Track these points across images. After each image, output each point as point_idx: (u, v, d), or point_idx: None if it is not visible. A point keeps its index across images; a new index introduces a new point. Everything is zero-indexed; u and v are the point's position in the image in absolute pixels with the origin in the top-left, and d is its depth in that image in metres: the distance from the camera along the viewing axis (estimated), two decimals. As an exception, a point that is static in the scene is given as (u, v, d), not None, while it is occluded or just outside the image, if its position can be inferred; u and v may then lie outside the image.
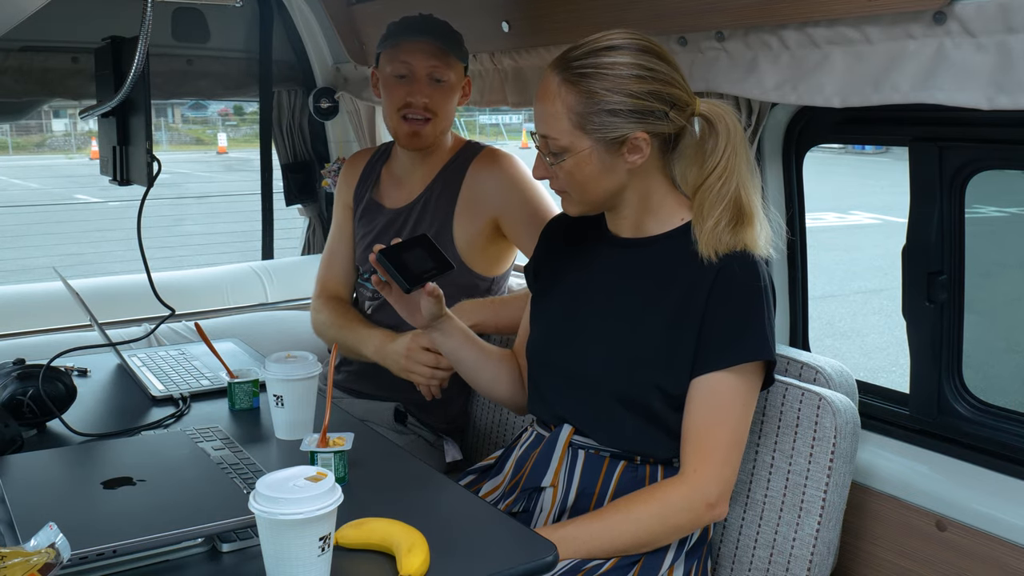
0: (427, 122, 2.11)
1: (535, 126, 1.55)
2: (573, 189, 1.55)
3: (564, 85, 1.48)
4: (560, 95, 1.48)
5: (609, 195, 1.55)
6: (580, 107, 1.47)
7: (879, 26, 1.49)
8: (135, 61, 1.50)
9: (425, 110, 2.10)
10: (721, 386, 1.49)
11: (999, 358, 5.72)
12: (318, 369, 1.69)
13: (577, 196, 1.56)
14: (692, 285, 1.52)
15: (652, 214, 1.59)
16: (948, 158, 1.64)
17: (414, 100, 2.10)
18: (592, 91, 1.46)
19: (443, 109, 2.13)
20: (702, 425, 1.50)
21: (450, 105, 2.15)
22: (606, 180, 1.52)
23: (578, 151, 1.49)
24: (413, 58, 2.10)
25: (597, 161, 1.50)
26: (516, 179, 2.15)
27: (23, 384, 1.71)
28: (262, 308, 3.07)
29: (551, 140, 1.50)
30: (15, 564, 1.03)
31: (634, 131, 1.47)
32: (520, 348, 1.81)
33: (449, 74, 2.12)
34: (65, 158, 24.71)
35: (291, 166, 3.46)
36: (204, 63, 3.14)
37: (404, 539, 1.23)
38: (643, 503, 1.50)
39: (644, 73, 1.47)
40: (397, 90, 2.11)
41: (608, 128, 1.47)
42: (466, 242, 2.16)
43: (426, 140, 2.14)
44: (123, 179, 2.01)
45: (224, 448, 1.60)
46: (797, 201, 2.00)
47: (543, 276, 1.76)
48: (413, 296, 1.66)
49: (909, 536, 1.63)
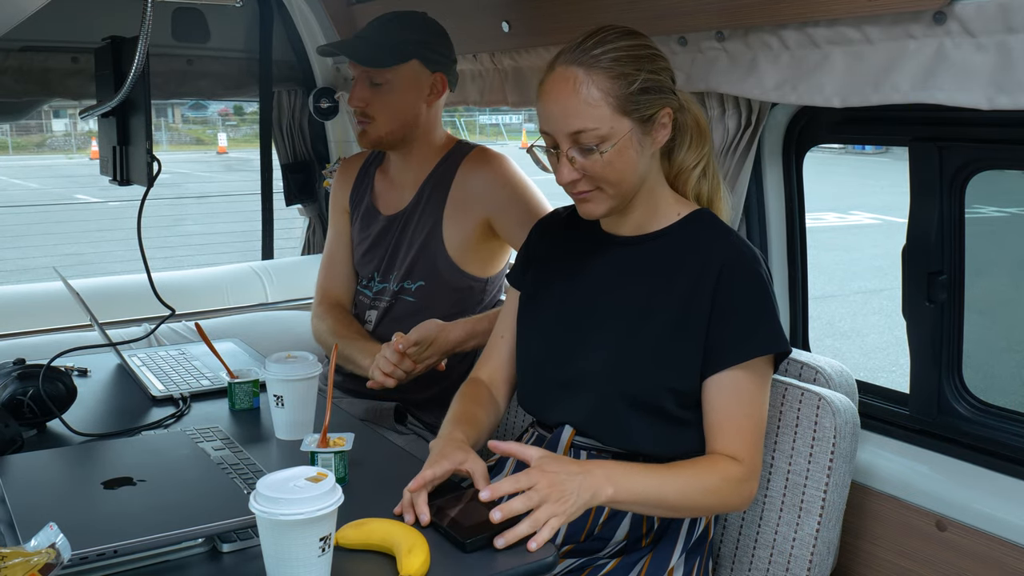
0: (368, 122, 2.13)
1: (556, 126, 1.50)
2: (611, 181, 1.51)
3: (593, 73, 1.47)
4: (593, 83, 1.47)
5: (640, 183, 1.55)
6: (618, 90, 1.47)
7: (879, 26, 1.49)
8: (135, 61, 1.50)
9: (363, 114, 2.12)
10: (744, 380, 1.50)
11: (999, 358, 5.72)
12: (318, 369, 1.69)
13: (613, 189, 1.52)
14: (695, 281, 1.52)
15: (652, 210, 1.59)
16: (948, 158, 1.64)
17: (353, 104, 2.14)
18: (624, 72, 1.47)
19: (382, 111, 2.11)
20: (734, 417, 1.50)
21: (392, 107, 2.11)
22: (641, 165, 1.53)
23: (619, 135, 1.48)
24: (351, 66, 2.15)
25: (636, 144, 1.50)
26: (507, 178, 2.14)
27: (23, 384, 1.71)
28: (262, 308, 3.07)
29: (588, 132, 1.47)
30: (15, 564, 1.03)
31: (663, 106, 1.51)
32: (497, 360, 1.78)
33: (385, 75, 2.10)
34: (65, 158, 24.72)
35: (291, 166, 3.46)
36: (204, 63, 3.14)
37: (404, 539, 1.23)
38: (707, 471, 1.48)
39: (656, 53, 1.53)
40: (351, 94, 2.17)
41: (645, 106, 1.49)
42: (458, 243, 2.16)
43: (370, 139, 2.15)
44: (123, 179, 2.01)
45: (224, 448, 1.60)
46: (797, 201, 2.00)
47: (534, 275, 1.74)
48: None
49: (909, 536, 1.63)
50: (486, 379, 1.77)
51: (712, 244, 1.54)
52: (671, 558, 1.55)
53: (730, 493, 1.49)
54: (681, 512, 1.53)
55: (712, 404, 1.52)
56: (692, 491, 1.47)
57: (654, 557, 1.54)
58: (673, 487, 1.46)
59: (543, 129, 1.54)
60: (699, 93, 1.89)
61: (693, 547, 1.58)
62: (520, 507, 1.31)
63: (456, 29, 2.19)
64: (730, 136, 1.86)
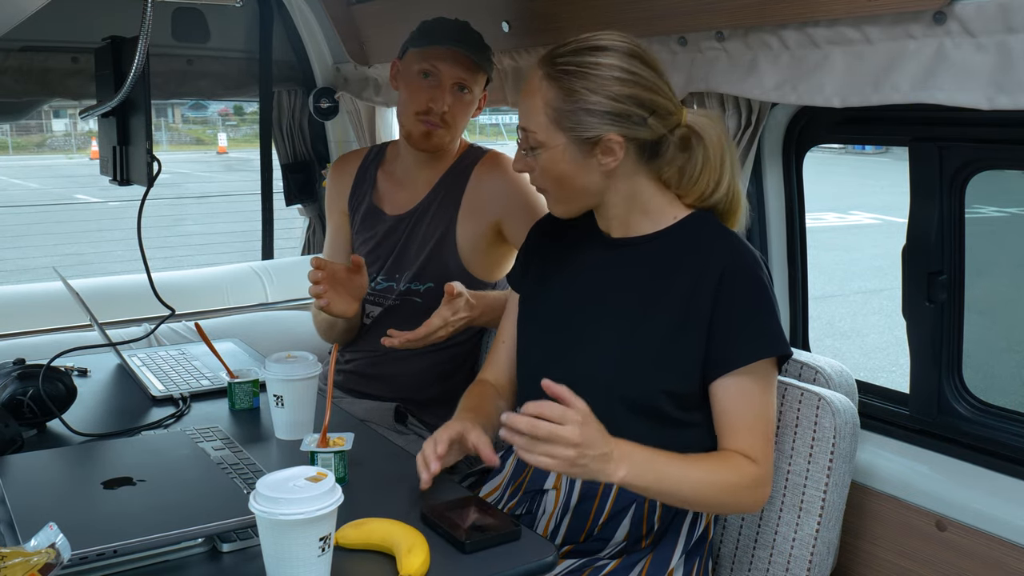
0: (441, 128, 2.11)
1: (519, 119, 1.57)
2: (548, 185, 1.57)
3: (546, 80, 1.50)
4: (541, 90, 1.50)
5: (586, 194, 1.56)
6: (557, 103, 1.48)
7: (879, 26, 1.49)
8: (135, 61, 1.50)
9: (442, 119, 2.10)
10: (750, 382, 1.50)
11: (999, 358, 5.72)
12: (318, 369, 1.69)
13: (554, 193, 1.58)
14: (695, 284, 1.51)
15: (642, 213, 1.58)
16: (948, 158, 1.64)
17: (435, 106, 2.08)
18: (571, 89, 1.47)
19: (460, 120, 2.14)
20: (744, 419, 1.50)
21: (467, 117, 2.16)
22: (580, 179, 1.53)
23: (552, 147, 1.51)
24: (443, 64, 2.08)
25: (570, 159, 1.51)
26: (520, 183, 2.14)
27: (23, 384, 1.71)
28: (262, 308, 3.07)
29: (529, 133, 1.53)
30: (15, 564, 1.03)
31: (608, 132, 1.48)
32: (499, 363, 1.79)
33: (474, 87, 2.13)
34: (65, 158, 24.72)
35: (291, 166, 3.46)
36: (204, 63, 3.15)
37: (404, 539, 1.24)
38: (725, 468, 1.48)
39: (626, 76, 1.47)
40: (420, 92, 2.10)
41: (582, 127, 1.48)
42: (469, 246, 2.16)
43: (437, 144, 2.14)
44: (123, 179, 2.01)
45: (224, 448, 1.60)
46: (797, 201, 2.00)
47: (532, 276, 1.74)
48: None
49: (909, 536, 1.63)
50: (492, 380, 1.79)
51: (712, 246, 1.54)
52: (671, 559, 1.55)
53: (745, 493, 1.49)
54: (693, 505, 1.52)
55: (722, 407, 1.51)
56: (707, 487, 1.47)
57: (654, 558, 1.54)
58: (689, 481, 1.45)
59: None
60: (699, 93, 1.89)
61: (693, 548, 1.58)
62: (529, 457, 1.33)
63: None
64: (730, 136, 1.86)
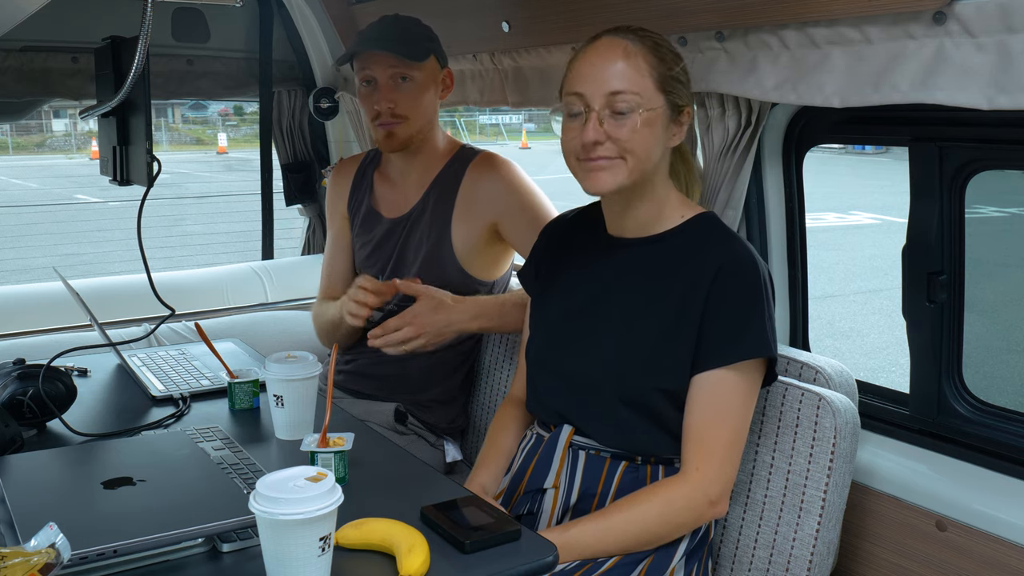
0: (398, 123, 2.10)
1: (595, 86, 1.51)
2: (635, 152, 1.52)
3: (642, 44, 1.53)
4: (641, 54, 1.52)
5: (653, 170, 1.56)
6: (661, 68, 1.53)
7: (879, 26, 1.49)
8: (135, 61, 1.50)
9: (393, 116, 2.09)
10: (722, 384, 1.50)
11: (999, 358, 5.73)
12: (318, 369, 1.69)
13: (634, 161, 1.52)
14: (692, 283, 1.52)
15: (658, 211, 1.60)
16: (948, 158, 1.64)
17: (380, 108, 2.09)
18: (665, 58, 1.55)
19: (413, 108, 2.11)
20: (703, 423, 1.50)
21: (421, 103, 2.12)
22: (657, 147, 1.55)
23: (654, 108, 1.52)
24: (375, 67, 2.09)
25: (662, 125, 1.54)
26: (514, 183, 2.15)
27: (23, 384, 1.71)
28: (262, 308, 3.07)
29: (627, 95, 1.50)
30: (15, 564, 1.03)
31: (689, 103, 1.57)
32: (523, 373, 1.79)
33: (412, 73, 2.10)
34: (65, 158, 24.73)
35: (291, 166, 3.46)
36: (204, 63, 3.14)
37: (404, 539, 1.23)
38: (646, 502, 1.51)
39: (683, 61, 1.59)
40: (367, 99, 2.12)
41: (678, 93, 1.55)
42: (465, 247, 2.16)
43: (400, 140, 2.12)
44: (123, 179, 2.01)
45: (224, 448, 1.60)
46: (797, 201, 2.00)
47: (542, 277, 1.76)
48: None
49: (909, 536, 1.63)
50: (518, 393, 1.82)
51: (714, 247, 1.55)
52: (672, 559, 1.55)
53: (682, 516, 1.50)
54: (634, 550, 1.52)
55: (688, 406, 1.52)
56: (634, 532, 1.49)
57: (655, 559, 1.54)
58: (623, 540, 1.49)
59: (574, 91, 1.54)
60: (699, 93, 1.89)
61: (694, 549, 1.58)
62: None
63: (456, 29, 2.19)
64: (730, 136, 1.86)
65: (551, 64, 2.24)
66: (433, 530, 1.32)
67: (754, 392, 1.53)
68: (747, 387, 1.51)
